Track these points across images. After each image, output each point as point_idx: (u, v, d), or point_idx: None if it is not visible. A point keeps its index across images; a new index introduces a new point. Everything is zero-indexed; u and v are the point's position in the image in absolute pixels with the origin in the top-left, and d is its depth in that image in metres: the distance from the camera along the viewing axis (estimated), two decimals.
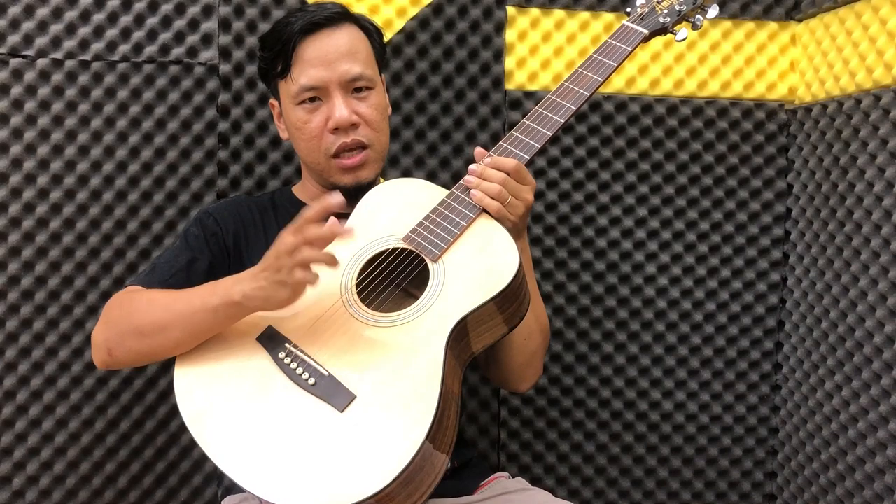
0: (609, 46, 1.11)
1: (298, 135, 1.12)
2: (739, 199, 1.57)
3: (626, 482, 1.58)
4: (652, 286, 1.56)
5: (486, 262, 0.98)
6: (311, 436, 0.88)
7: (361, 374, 0.92)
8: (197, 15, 1.41)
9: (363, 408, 0.89)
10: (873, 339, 1.35)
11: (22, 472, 1.40)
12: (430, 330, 0.93)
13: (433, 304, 0.96)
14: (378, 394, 0.90)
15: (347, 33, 1.11)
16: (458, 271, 0.98)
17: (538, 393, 1.55)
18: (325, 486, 0.84)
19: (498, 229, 1.00)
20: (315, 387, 0.91)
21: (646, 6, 1.14)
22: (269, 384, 0.93)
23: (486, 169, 1.01)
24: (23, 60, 1.37)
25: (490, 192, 1.00)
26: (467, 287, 0.96)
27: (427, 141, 1.48)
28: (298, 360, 0.94)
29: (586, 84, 1.07)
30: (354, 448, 0.86)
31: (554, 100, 1.07)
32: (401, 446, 0.85)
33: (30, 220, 1.38)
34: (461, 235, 1.00)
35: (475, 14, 1.48)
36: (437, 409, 0.87)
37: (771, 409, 1.60)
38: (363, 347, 0.94)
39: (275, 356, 0.95)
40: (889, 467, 1.32)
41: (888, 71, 1.33)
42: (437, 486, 0.89)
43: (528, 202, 1.03)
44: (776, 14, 1.55)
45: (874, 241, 1.36)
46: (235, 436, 0.89)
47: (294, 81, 1.09)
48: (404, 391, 0.89)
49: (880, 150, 1.35)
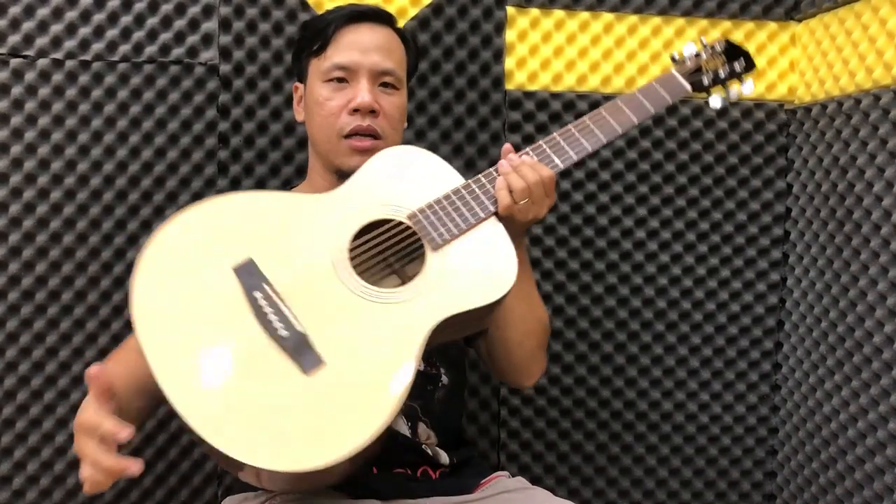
0: (652, 89, 1.10)
1: (317, 110, 1.14)
2: (739, 199, 1.57)
3: (625, 482, 1.58)
4: (652, 286, 1.56)
5: (487, 267, 0.96)
6: (267, 388, 0.84)
7: (338, 343, 0.87)
8: (197, 15, 1.41)
9: (329, 377, 0.85)
10: (873, 339, 1.35)
11: (22, 471, 1.40)
12: (417, 317, 0.91)
13: (427, 292, 0.93)
14: (348, 369, 0.86)
15: (387, 33, 1.16)
16: (458, 266, 0.95)
17: (538, 393, 1.55)
18: (268, 445, 0.80)
19: (505, 237, 0.98)
20: (285, 340, 0.86)
21: (694, 62, 1.13)
22: (236, 321, 0.88)
23: (523, 164, 1.01)
24: (23, 60, 1.37)
25: (516, 186, 0.99)
26: (464, 286, 0.94)
27: (427, 141, 1.48)
28: (275, 306, 0.89)
29: (632, 115, 1.07)
30: (309, 416, 0.82)
31: (604, 116, 1.06)
32: (355, 431, 0.81)
33: (30, 220, 1.38)
34: (470, 230, 0.98)
35: (475, 14, 1.48)
36: (400, 399, 0.84)
37: (770, 408, 1.61)
38: (347, 317, 0.90)
39: (248, 293, 0.90)
40: (889, 467, 1.32)
41: (888, 71, 1.33)
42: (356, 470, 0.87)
43: (540, 216, 1.03)
44: (776, 14, 1.55)
45: (874, 240, 1.36)
46: (185, 363, 0.84)
47: (327, 59, 1.13)
48: (375, 374, 0.86)
49: (880, 150, 1.35)
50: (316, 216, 0.98)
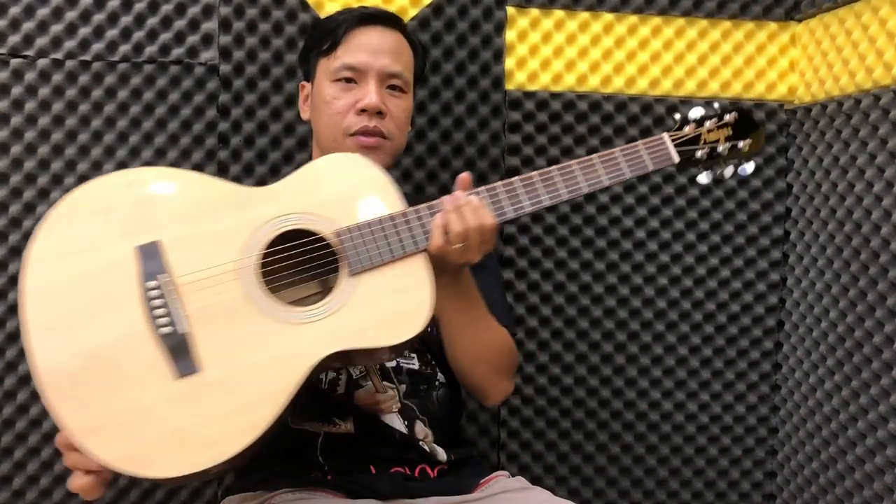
0: (635, 152, 1.00)
1: (324, 108, 1.14)
2: (739, 198, 1.57)
3: (625, 482, 1.58)
4: (652, 286, 1.56)
5: (398, 306, 0.90)
6: (132, 382, 0.81)
7: (220, 352, 0.84)
8: (197, 15, 1.41)
9: (198, 387, 0.82)
10: (873, 339, 1.35)
11: (22, 471, 1.40)
12: (307, 345, 0.86)
13: (326, 317, 0.88)
14: (221, 383, 0.83)
15: (397, 37, 1.17)
16: (368, 298, 0.89)
17: (538, 393, 1.55)
18: (122, 442, 0.79)
19: (426, 280, 0.91)
20: (165, 337, 0.84)
21: (693, 129, 1.04)
22: (124, 306, 0.84)
23: (468, 205, 0.94)
24: (23, 61, 1.37)
25: (453, 229, 0.93)
26: (368, 321, 0.88)
27: (427, 141, 1.48)
28: (165, 298, 0.85)
29: (602, 176, 0.98)
30: (172, 422, 0.80)
31: (572, 171, 0.98)
32: (206, 451, 0.79)
33: (30, 220, 1.38)
34: (392, 262, 0.91)
35: (475, 14, 1.48)
36: (262, 432, 0.81)
37: (770, 408, 1.61)
38: (238, 327, 0.86)
39: (143, 279, 0.86)
40: (889, 467, 1.32)
41: (888, 71, 1.33)
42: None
43: (473, 262, 0.96)
44: (776, 14, 1.55)
45: (874, 240, 1.36)
46: (65, 344, 0.82)
47: (337, 58, 1.14)
48: (246, 394, 0.83)
49: (880, 150, 1.35)
50: (241, 210, 0.92)
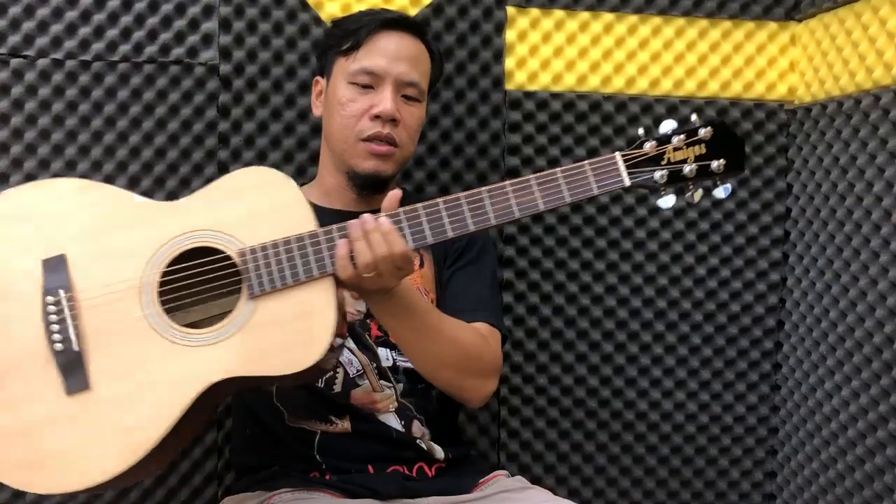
0: (580, 173, 0.89)
1: (338, 109, 1.14)
2: (739, 198, 1.57)
3: (625, 481, 1.58)
4: (651, 286, 1.56)
5: (294, 335, 0.87)
6: (22, 396, 0.82)
7: (112, 372, 0.85)
8: (197, 15, 1.41)
9: (87, 405, 0.83)
10: (873, 339, 1.35)
11: None
12: (200, 368, 0.86)
13: (218, 343, 0.87)
14: (109, 402, 0.84)
15: (418, 45, 1.18)
16: (264, 324, 0.87)
17: (538, 393, 1.55)
18: (5, 455, 0.80)
19: (329, 309, 0.88)
20: (58, 354, 0.84)
21: (653, 150, 0.90)
22: (24, 319, 0.85)
23: (376, 231, 0.88)
24: (23, 60, 1.37)
25: (361, 260, 0.87)
26: (258, 349, 0.86)
27: (427, 141, 1.48)
28: (62, 315, 0.86)
29: (538, 199, 0.89)
30: (58, 438, 0.81)
31: (505, 192, 0.89)
32: (92, 468, 0.80)
33: None
34: (295, 287, 0.88)
35: (475, 14, 1.48)
36: (145, 454, 0.82)
37: (770, 408, 1.60)
38: (132, 347, 0.86)
39: (44, 293, 0.86)
40: (889, 467, 1.32)
41: (888, 71, 1.33)
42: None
43: (389, 287, 0.91)
44: (776, 14, 1.55)
45: (874, 240, 1.36)
46: None
47: (357, 60, 1.13)
48: (133, 415, 0.83)
49: (880, 150, 1.35)
50: (152, 225, 0.91)
